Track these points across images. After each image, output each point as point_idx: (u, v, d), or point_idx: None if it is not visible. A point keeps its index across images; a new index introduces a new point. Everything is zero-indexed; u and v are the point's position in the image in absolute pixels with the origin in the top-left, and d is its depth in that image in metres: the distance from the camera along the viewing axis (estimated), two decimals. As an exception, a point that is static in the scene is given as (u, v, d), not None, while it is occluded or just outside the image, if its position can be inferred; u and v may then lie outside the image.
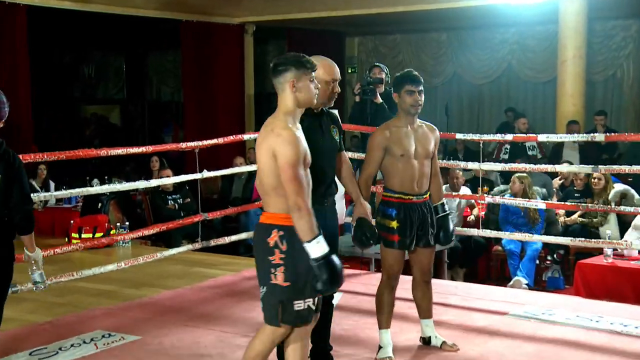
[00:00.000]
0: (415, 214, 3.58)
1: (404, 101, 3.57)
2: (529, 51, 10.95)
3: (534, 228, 6.49)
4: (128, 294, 5.04)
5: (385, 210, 3.57)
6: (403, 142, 3.55)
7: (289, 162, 2.65)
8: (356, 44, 12.65)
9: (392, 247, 3.56)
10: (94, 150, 4.50)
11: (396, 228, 3.54)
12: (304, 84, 2.77)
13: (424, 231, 3.62)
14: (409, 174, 3.56)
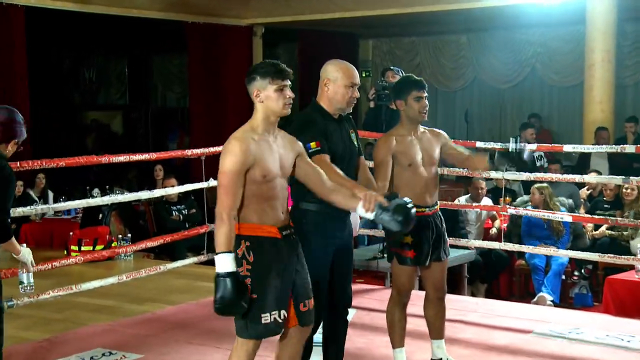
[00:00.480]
0: (429, 227, 3.57)
1: (412, 108, 3.55)
2: (554, 54, 10.92)
3: (559, 241, 6.46)
4: (130, 309, 5.06)
5: None
6: (409, 151, 3.54)
7: (223, 170, 2.76)
8: (370, 46, 12.68)
9: (406, 264, 3.56)
10: (95, 157, 4.54)
11: (411, 243, 3.52)
12: (268, 94, 2.82)
13: (437, 244, 3.62)
14: (419, 184, 3.54)
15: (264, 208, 2.82)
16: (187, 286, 5.67)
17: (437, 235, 3.61)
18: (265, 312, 2.78)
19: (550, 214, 5.66)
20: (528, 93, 11.44)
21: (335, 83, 3.26)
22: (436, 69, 11.81)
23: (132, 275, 4.82)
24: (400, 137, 3.56)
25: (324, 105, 3.29)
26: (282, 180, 2.86)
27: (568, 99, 11.03)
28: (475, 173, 5.83)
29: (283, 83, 2.86)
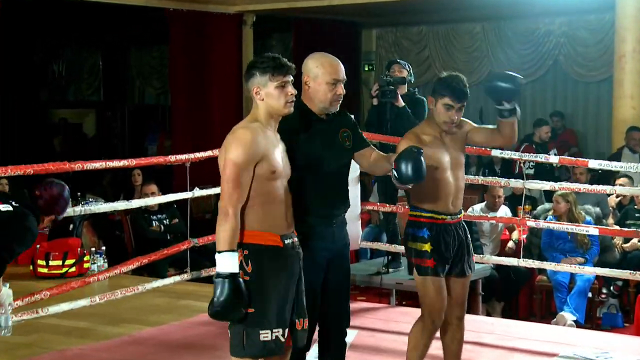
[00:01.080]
0: (450, 236, 3.58)
1: (438, 113, 3.54)
2: (579, 45, 10.96)
3: (587, 253, 6.48)
4: (104, 331, 5.06)
5: (416, 232, 3.56)
6: (436, 152, 3.52)
7: (232, 160, 2.78)
8: (374, 36, 12.71)
9: (427, 274, 3.54)
10: (66, 164, 4.55)
11: (430, 251, 3.53)
12: (268, 91, 2.90)
13: (459, 257, 3.62)
14: (444, 190, 3.54)
15: (267, 212, 2.85)
16: (169, 305, 5.68)
17: (459, 246, 3.61)
18: (265, 328, 2.80)
19: (574, 227, 5.64)
20: (550, 89, 11.47)
21: (315, 80, 3.25)
22: (447, 62, 11.83)
23: (106, 297, 4.82)
24: (427, 136, 3.54)
25: (307, 103, 3.29)
26: (286, 182, 2.93)
27: (595, 95, 11.07)
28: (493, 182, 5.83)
29: (285, 79, 2.91)
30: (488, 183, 5.88)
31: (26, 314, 4.40)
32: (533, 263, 5.59)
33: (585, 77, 11.06)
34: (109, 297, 4.82)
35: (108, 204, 5.25)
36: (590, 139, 10.98)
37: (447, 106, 3.49)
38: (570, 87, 11.34)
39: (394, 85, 5.56)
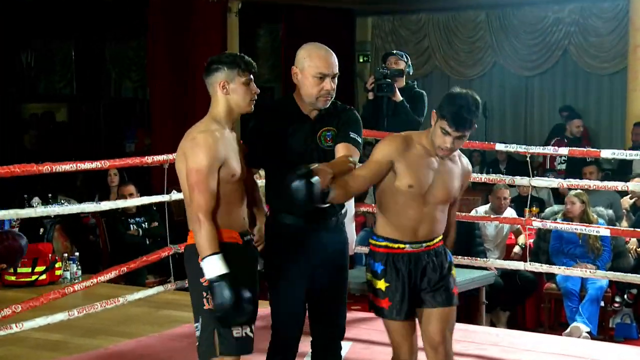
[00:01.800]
0: (413, 266, 3.25)
1: (435, 135, 3.19)
2: (591, 34, 11.01)
3: (598, 260, 6.51)
4: (79, 344, 5.06)
5: (371, 264, 3.29)
6: (419, 169, 3.19)
7: (195, 167, 2.96)
8: (370, 25, 12.74)
9: (384, 316, 3.28)
10: (34, 166, 4.54)
11: (385, 289, 3.24)
12: (235, 86, 3.10)
13: (430, 286, 3.28)
14: (411, 215, 3.21)
15: (227, 211, 3.04)
16: (148, 315, 5.68)
17: (432, 275, 3.27)
18: (237, 325, 3.00)
19: (583, 228, 5.67)
20: (559, 81, 11.52)
21: (302, 72, 3.25)
22: (448, 53, 11.88)
23: (85, 310, 4.81)
24: (420, 146, 3.22)
25: (296, 98, 3.30)
26: (242, 182, 3.12)
27: (608, 88, 11.12)
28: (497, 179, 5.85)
29: (250, 77, 3.11)
30: (491, 181, 5.89)
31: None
32: (541, 267, 5.60)
33: (598, 69, 11.11)
34: (88, 310, 4.80)
35: (81, 205, 5.18)
36: (602, 135, 11.04)
37: (445, 131, 3.14)
38: (581, 79, 11.39)
39: (390, 78, 5.57)
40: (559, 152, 5.72)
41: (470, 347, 4.88)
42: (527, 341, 5.14)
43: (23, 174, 4.51)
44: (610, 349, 5.13)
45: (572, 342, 5.50)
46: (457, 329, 5.30)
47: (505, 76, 11.73)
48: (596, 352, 4.93)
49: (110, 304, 4.95)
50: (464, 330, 5.34)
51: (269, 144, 3.27)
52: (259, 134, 3.30)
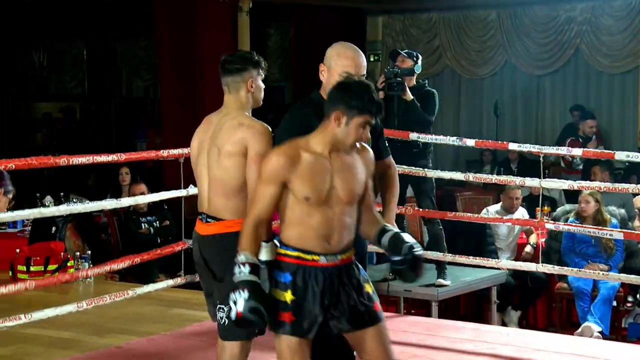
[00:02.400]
0: (326, 284, 3.01)
1: (348, 134, 2.99)
2: (603, 33, 10.97)
3: (610, 259, 6.49)
4: (90, 342, 5.07)
5: (277, 275, 3.02)
6: (313, 178, 2.96)
7: (262, 155, 3.13)
8: (380, 24, 12.73)
9: (282, 331, 2.98)
10: (51, 158, 4.57)
11: (290, 302, 2.98)
12: (258, 84, 3.43)
13: (350, 307, 3.03)
14: (318, 221, 2.98)
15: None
16: (160, 314, 5.70)
17: (347, 295, 3.03)
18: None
19: (596, 231, 5.64)
20: (571, 81, 11.49)
21: (329, 71, 3.27)
22: (459, 52, 11.86)
23: (93, 302, 4.83)
24: (305, 153, 2.98)
25: (323, 96, 3.25)
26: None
27: (620, 88, 11.08)
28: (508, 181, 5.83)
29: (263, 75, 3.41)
30: (502, 182, 5.89)
31: (7, 320, 4.40)
32: (553, 268, 5.59)
33: (609, 68, 11.07)
34: (96, 303, 4.81)
35: (93, 203, 5.19)
36: (614, 135, 10.99)
37: (364, 124, 2.97)
38: (593, 79, 11.35)
39: (401, 77, 5.57)
40: (572, 153, 5.70)
41: (481, 346, 4.88)
42: (539, 341, 5.13)
43: (40, 166, 4.54)
44: (622, 349, 5.12)
45: (583, 342, 5.48)
46: (469, 328, 5.35)
47: (517, 75, 11.70)
48: (608, 352, 4.91)
49: (119, 297, 4.96)
50: (476, 329, 5.34)
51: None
52: (301, 133, 3.11)
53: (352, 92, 2.92)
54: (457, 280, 5.84)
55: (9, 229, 8.03)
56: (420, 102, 5.60)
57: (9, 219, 4.34)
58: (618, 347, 5.24)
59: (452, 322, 5.65)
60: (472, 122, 11.95)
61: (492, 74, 11.86)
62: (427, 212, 5.64)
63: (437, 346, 4.86)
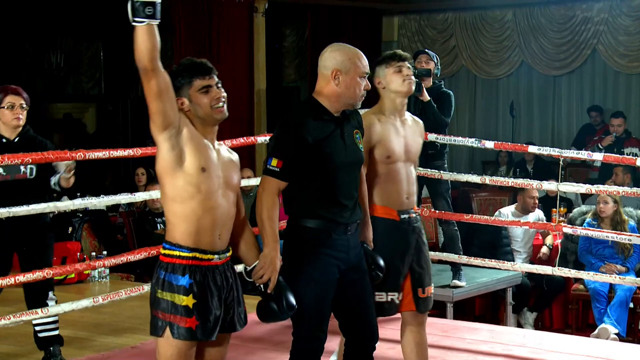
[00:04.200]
0: (220, 283, 2.98)
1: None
2: (620, 33, 10.91)
3: (627, 260, 6.46)
4: (105, 342, 5.11)
5: (170, 278, 2.90)
6: (202, 151, 2.95)
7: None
8: (396, 25, 12.72)
9: (182, 338, 2.88)
10: (67, 153, 4.59)
11: (192, 307, 2.87)
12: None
13: (228, 308, 3.02)
14: (209, 217, 2.94)
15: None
16: (174, 314, 5.71)
17: (229, 294, 3.01)
18: (381, 291, 3.48)
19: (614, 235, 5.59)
20: (588, 81, 11.42)
21: (347, 74, 3.26)
22: (475, 53, 11.82)
23: (109, 297, 4.85)
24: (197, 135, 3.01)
25: (324, 101, 3.27)
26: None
27: (638, 88, 11.01)
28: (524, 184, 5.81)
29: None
30: (519, 185, 5.87)
31: (25, 314, 4.43)
32: (569, 272, 5.57)
33: (627, 69, 10.99)
34: (112, 298, 4.81)
35: (109, 197, 5.13)
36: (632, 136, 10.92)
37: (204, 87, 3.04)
38: (611, 79, 11.28)
39: (418, 77, 5.54)
40: (593, 157, 5.68)
41: (496, 348, 4.87)
42: (554, 342, 5.12)
43: (57, 160, 4.56)
44: (639, 352, 5.08)
45: (600, 344, 5.46)
46: (484, 329, 5.34)
47: (533, 75, 11.65)
48: (625, 354, 4.89)
49: (135, 292, 4.97)
50: (491, 331, 5.33)
51: (314, 152, 3.19)
52: (303, 145, 3.17)
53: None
54: (472, 281, 5.83)
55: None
56: (437, 103, 5.59)
57: (24, 212, 4.36)
58: (635, 349, 5.21)
59: (467, 323, 5.64)
60: (487, 122, 11.91)
61: (508, 75, 11.81)
62: (443, 214, 5.62)
63: (452, 347, 4.85)
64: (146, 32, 2.81)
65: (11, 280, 4.37)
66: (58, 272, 5.09)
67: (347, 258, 3.29)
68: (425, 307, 3.71)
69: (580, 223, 6.61)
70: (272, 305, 3.12)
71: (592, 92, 11.35)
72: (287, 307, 3.12)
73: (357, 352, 3.40)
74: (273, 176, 3.17)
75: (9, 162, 4.30)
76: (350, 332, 3.38)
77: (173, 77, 2.96)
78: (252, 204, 8.28)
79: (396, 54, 3.69)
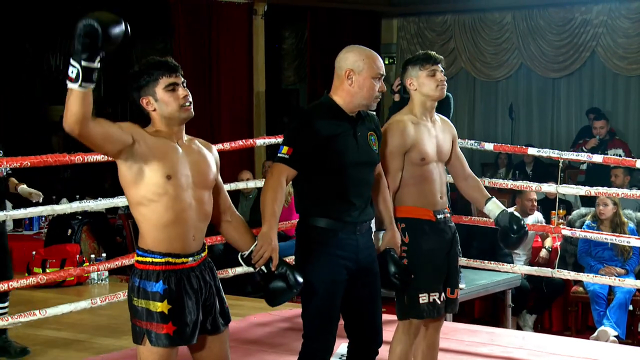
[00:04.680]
0: (196, 285, 2.94)
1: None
2: (619, 35, 10.92)
3: (627, 263, 6.46)
4: (105, 344, 5.10)
5: (143, 285, 2.87)
6: (165, 160, 2.89)
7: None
8: (395, 27, 12.73)
9: (160, 344, 2.86)
10: (66, 156, 4.58)
11: (168, 312, 2.84)
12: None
13: (209, 308, 2.98)
14: (179, 220, 2.89)
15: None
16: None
17: (208, 294, 2.97)
18: (423, 292, 3.50)
19: (614, 238, 5.60)
20: (587, 84, 11.44)
21: (360, 75, 3.27)
22: (474, 55, 11.83)
23: (107, 299, 4.86)
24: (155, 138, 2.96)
25: (339, 100, 3.30)
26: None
27: (636, 91, 11.03)
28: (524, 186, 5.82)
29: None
30: (518, 188, 5.87)
31: (23, 315, 4.42)
32: (569, 274, 5.58)
33: (626, 71, 11.01)
34: (110, 300, 4.81)
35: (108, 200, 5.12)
36: (631, 139, 10.93)
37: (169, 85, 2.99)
38: (609, 81, 11.30)
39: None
40: (592, 160, 5.69)
41: (496, 350, 4.87)
42: (554, 345, 5.12)
43: (55, 163, 4.56)
44: (638, 354, 5.09)
45: (599, 346, 5.46)
46: (484, 331, 5.34)
47: (532, 78, 11.67)
48: (624, 357, 4.89)
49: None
50: (490, 333, 5.33)
51: (324, 147, 3.21)
52: (315, 138, 3.20)
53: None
54: (471, 283, 5.83)
55: (25, 231, 8.09)
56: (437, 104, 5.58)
57: (22, 215, 4.36)
58: (634, 351, 5.21)
59: (466, 325, 5.64)
60: (487, 125, 11.92)
61: (507, 77, 11.83)
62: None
63: (451, 349, 4.85)
64: (80, 97, 2.65)
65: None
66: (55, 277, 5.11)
67: (356, 259, 3.28)
68: (453, 308, 3.74)
69: (579, 225, 6.61)
70: (279, 283, 3.05)
71: (591, 95, 11.36)
72: (295, 280, 3.05)
73: (360, 354, 3.39)
74: (282, 162, 3.19)
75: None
76: (354, 334, 3.38)
77: (137, 75, 2.94)
78: (252, 207, 8.30)
79: (431, 56, 3.65)
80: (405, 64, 3.69)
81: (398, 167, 3.55)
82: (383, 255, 3.43)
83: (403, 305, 3.56)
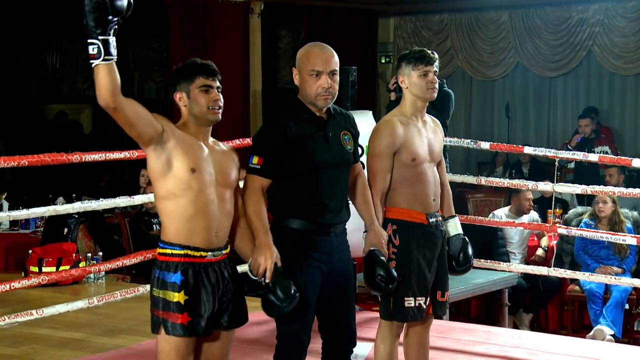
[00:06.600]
0: (214, 280, 3.01)
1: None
2: (616, 34, 10.93)
3: (623, 262, 6.47)
4: (101, 343, 5.10)
5: (163, 276, 2.97)
6: (190, 153, 3.00)
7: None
8: (392, 26, 12.73)
9: (176, 334, 2.93)
10: (63, 155, 4.58)
11: (184, 303, 2.92)
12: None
13: (226, 305, 3.05)
14: (206, 216, 2.98)
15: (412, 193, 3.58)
16: (170, 316, 5.71)
17: (225, 291, 3.04)
18: (409, 296, 3.47)
19: (609, 236, 5.61)
20: (583, 83, 11.45)
21: (300, 73, 3.25)
22: (471, 54, 11.84)
23: (104, 299, 4.85)
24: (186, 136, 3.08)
25: (302, 100, 3.26)
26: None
27: (633, 90, 11.04)
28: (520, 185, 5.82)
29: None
30: (515, 186, 5.88)
31: (19, 315, 4.42)
32: (565, 273, 5.59)
33: (623, 70, 11.02)
34: (107, 299, 4.81)
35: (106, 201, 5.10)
36: (628, 138, 10.95)
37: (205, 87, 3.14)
38: (606, 80, 11.30)
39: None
40: (588, 159, 5.69)
41: (492, 349, 4.87)
42: (550, 344, 5.13)
43: (53, 162, 4.55)
44: (634, 353, 5.10)
45: (595, 345, 5.47)
46: (480, 330, 5.34)
47: (528, 77, 11.68)
48: (620, 356, 4.90)
49: (130, 294, 4.97)
50: (487, 332, 5.34)
51: (293, 150, 3.18)
52: (283, 142, 3.18)
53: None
54: (468, 282, 5.83)
55: (21, 229, 8.08)
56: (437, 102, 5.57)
57: (23, 216, 4.35)
58: (630, 350, 5.22)
59: (463, 324, 5.65)
60: (483, 124, 11.93)
61: (504, 76, 11.84)
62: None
63: (447, 348, 4.86)
64: (107, 70, 2.81)
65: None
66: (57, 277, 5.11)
67: (330, 260, 3.26)
68: (442, 311, 3.74)
69: (576, 224, 6.62)
70: (270, 297, 3.08)
71: (588, 94, 11.37)
72: (284, 294, 3.04)
73: (333, 354, 3.38)
74: (255, 174, 3.18)
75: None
76: (328, 335, 3.37)
77: (178, 70, 3.10)
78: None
79: (425, 56, 3.56)
80: (399, 59, 3.65)
81: (387, 167, 3.48)
82: (369, 256, 3.39)
83: (387, 307, 3.52)
